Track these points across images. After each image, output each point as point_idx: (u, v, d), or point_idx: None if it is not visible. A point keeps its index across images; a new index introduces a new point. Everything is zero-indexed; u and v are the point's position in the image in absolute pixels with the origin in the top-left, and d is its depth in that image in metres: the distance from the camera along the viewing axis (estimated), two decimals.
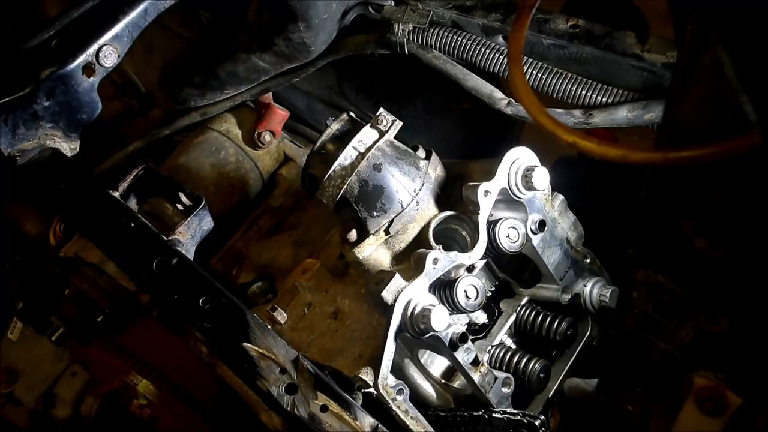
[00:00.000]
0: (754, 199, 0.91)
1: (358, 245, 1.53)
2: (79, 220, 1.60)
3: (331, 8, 1.79)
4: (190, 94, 2.09)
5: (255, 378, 1.33)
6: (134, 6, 1.65)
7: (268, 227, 2.18)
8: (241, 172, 2.16)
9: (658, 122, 1.58)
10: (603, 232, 1.65)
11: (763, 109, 0.72)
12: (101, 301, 1.69)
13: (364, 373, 1.39)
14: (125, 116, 2.48)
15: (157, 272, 1.42)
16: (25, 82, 1.56)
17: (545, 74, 1.68)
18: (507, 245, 1.49)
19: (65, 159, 1.62)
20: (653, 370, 1.08)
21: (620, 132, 1.71)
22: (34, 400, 2.34)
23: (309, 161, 1.57)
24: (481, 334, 1.64)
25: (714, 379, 1.00)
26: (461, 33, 1.79)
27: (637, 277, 1.06)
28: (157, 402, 1.77)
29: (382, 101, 2.39)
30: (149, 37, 2.00)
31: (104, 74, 1.64)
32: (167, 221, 1.75)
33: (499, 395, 1.49)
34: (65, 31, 1.61)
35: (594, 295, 1.61)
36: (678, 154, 0.91)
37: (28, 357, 2.38)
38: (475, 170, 1.59)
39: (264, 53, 1.88)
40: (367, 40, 1.90)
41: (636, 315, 1.08)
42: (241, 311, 1.39)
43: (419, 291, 1.39)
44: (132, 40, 1.66)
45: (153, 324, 1.66)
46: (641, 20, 2.02)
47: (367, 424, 1.33)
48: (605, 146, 0.96)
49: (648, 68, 1.60)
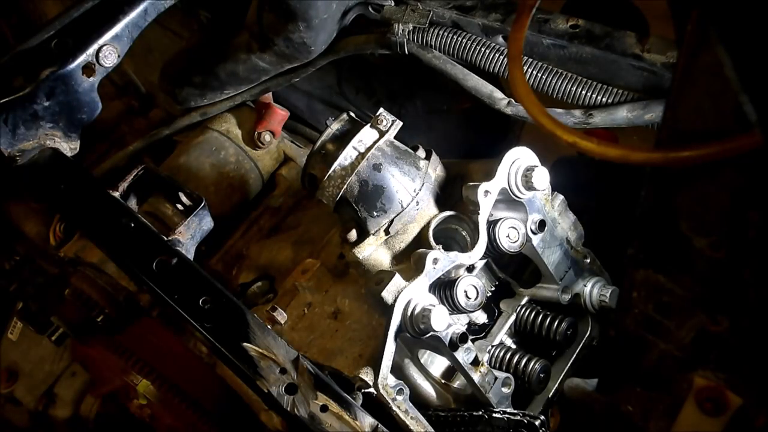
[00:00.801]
0: (754, 199, 0.91)
1: (358, 245, 1.53)
2: (79, 220, 1.59)
3: (331, 8, 1.79)
4: (190, 94, 2.09)
5: (255, 378, 1.33)
6: (134, 6, 1.65)
7: (268, 227, 2.18)
8: (241, 172, 2.16)
9: (658, 122, 1.58)
10: (603, 232, 1.65)
11: (763, 109, 0.72)
12: (101, 301, 1.69)
13: (364, 373, 1.39)
14: (125, 116, 2.48)
15: (157, 272, 1.42)
16: (25, 82, 1.56)
17: (545, 74, 1.68)
18: (507, 245, 1.49)
19: (65, 159, 1.62)
20: (653, 370, 1.08)
21: (620, 132, 1.71)
22: (34, 400, 2.34)
23: (309, 161, 1.57)
24: (481, 334, 1.64)
25: (714, 379, 1.00)
26: (461, 33, 1.79)
27: (637, 277, 1.06)
28: (157, 402, 1.77)
29: (382, 101, 2.39)
30: (149, 37, 2.00)
31: (104, 74, 1.64)
32: (167, 221, 1.75)
33: (499, 395, 1.49)
34: (65, 31, 1.61)
35: (594, 295, 1.61)
36: (678, 154, 0.91)
37: (28, 357, 2.38)
38: (475, 170, 1.59)
39: (264, 53, 1.88)
40: (367, 40, 1.90)
41: (636, 315, 1.08)
42: (241, 311, 1.39)
43: (419, 291, 1.39)
44: (132, 40, 1.66)
45: (153, 324, 1.66)
46: (641, 20, 2.02)
47: (367, 424, 1.33)
48: (605, 146, 0.96)
49: (648, 68, 1.60)
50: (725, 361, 0.99)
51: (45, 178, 1.59)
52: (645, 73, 1.61)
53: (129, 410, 1.90)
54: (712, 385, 1.00)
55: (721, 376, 0.99)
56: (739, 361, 0.98)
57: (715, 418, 0.99)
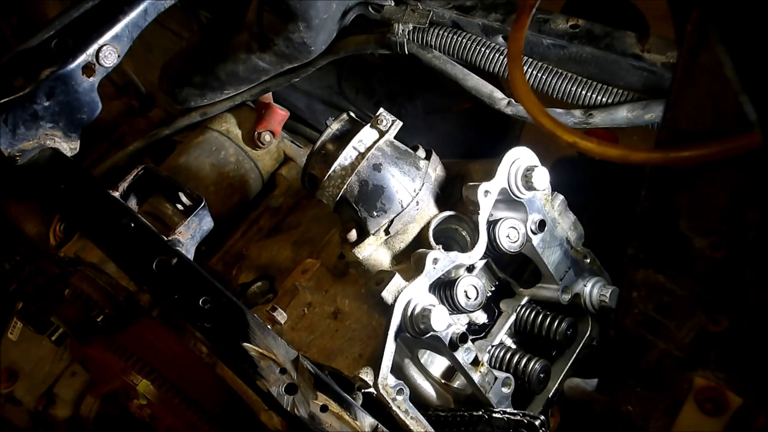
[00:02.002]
0: (754, 199, 0.91)
1: (358, 245, 1.53)
2: (79, 220, 1.59)
3: (331, 8, 1.79)
4: (190, 94, 2.09)
5: (255, 378, 1.33)
6: (134, 6, 1.65)
7: (268, 227, 2.18)
8: (241, 172, 2.16)
9: (658, 122, 1.58)
10: (603, 232, 1.65)
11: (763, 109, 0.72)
12: (101, 301, 1.69)
13: (364, 373, 1.39)
14: (125, 116, 2.48)
15: (157, 272, 1.42)
16: (25, 82, 1.56)
17: (545, 74, 1.68)
18: (507, 245, 1.49)
19: (65, 159, 1.62)
20: (653, 370, 1.08)
21: (620, 132, 1.71)
22: (34, 400, 2.34)
23: (309, 161, 1.57)
24: (481, 334, 1.64)
25: (714, 379, 1.00)
26: (461, 33, 1.79)
27: (637, 277, 1.06)
28: (157, 402, 1.77)
29: (382, 101, 2.39)
30: (149, 37, 2.00)
31: (104, 74, 1.63)
32: (167, 221, 1.75)
33: (499, 395, 1.49)
34: (65, 31, 1.61)
35: (594, 295, 1.61)
36: (678, 154, 0.91)
37: (28, 357, 2.38)
38: (475, 170, 1.59)
39: (264, 53, 1.88)
40: (367, 40, 1.90)
41: (636, 315, 1.08)
42: (241, 311, 1.39)
43: (419, 291, 1.39)
44: (132, 40, 1.66)
45: (153, 324, 1.66)
46: (641, 20, 2.02)
47: (367, 424, 1.33)
48: (605, 146, 0.96)
49: (648, 68, 1.60)
50: (725, 361, 0.99)
51: (45, 178, 1.59)
52: (645, 73, 1.61)
53: (129, 410, 1.89)
54: (712, 385, 1.00)
55: (721, 376, 0.99)
56: (739, 361, 0.98)
57: (715, 418, 0.99)
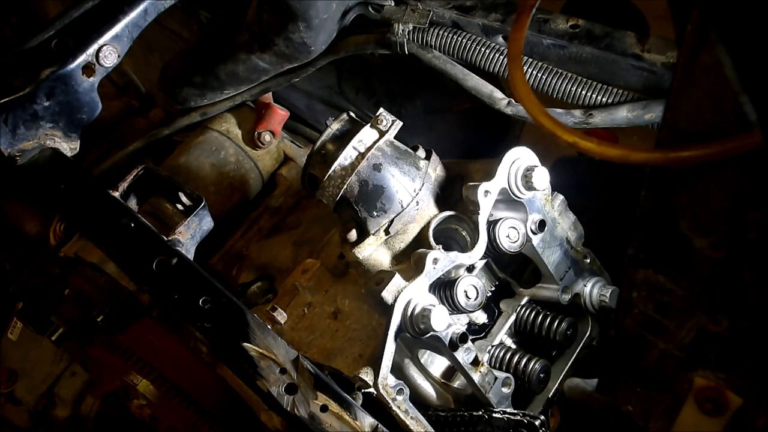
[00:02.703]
0: (754, 199, 0.91)
1: (358, 245, 1.53)
2: (79, 220, 1.59)
3: (331, 8, 1.79)
4: (190, 94, 2.09)
5: (255, 378, 1.33)
6: (134, 6, 1.65)
7: (268, 227, 2.18)
8: (241, 172, 2.16)
9: (658, 122, 1.58)
10: (603, 232, 1.65)
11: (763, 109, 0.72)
12: (101, 301, 1.69)
13: (364, 373, 1.39)
14: (125, 116, 2.48)
15: (157, 272, 1.42)
16: (25, 82, 1.56)
17: (545, 74, 1.68)
18: (507, 245, 1.49)
19: (65, 159, 1.62)
20: (653, 370, 1.08)
21: (620, 132, 1.71)
22: (34, 400, 2.34)
23: (309, 161, 1.57)
24: (481, 334, 1.64)
25: (714, 379, 1.00)
26: (461, 33, 1.79)
27: (637, 277, 1.06)
28: (157, 402, 1.77)
29: (382, 101, 2.39)
30: (149, 37, 2.00)
31: (104, 74, 1.64)
32: (167, 221, 1.75)
33: (499, 395, 1.49)
34: (65, 31, 1.61)
35: (594, 295, 1.61)
36: (678, 154, 0.91)
37: (28, 357, 2.37)
38: (475, 170, 1.59)
39: (264, 53, 1.88)
40: (367, 40, 1.90)
41: (636, 315, 1.08)
42: (241, 311, 1.39)
43: (419, 291, 1.39)
44: (132, 40, 1.66)
45: (153, 324, 1.66)
46: (641, 20, 2.02)
47: (367, 424, 1.33)
48: (605, 146, 0.96)
49: (648, 68, 1.60)
50: (725, 361, 0.99)
51: (45, 178, 1.59)
52: (645, 73, 1.61)
53: (129, 410, 1.89)
54: (712, 385, 1.00)
55: (721, 376, 0.99)
56: (739, 361, 0.98)
57: (715, 418, 0.99)
